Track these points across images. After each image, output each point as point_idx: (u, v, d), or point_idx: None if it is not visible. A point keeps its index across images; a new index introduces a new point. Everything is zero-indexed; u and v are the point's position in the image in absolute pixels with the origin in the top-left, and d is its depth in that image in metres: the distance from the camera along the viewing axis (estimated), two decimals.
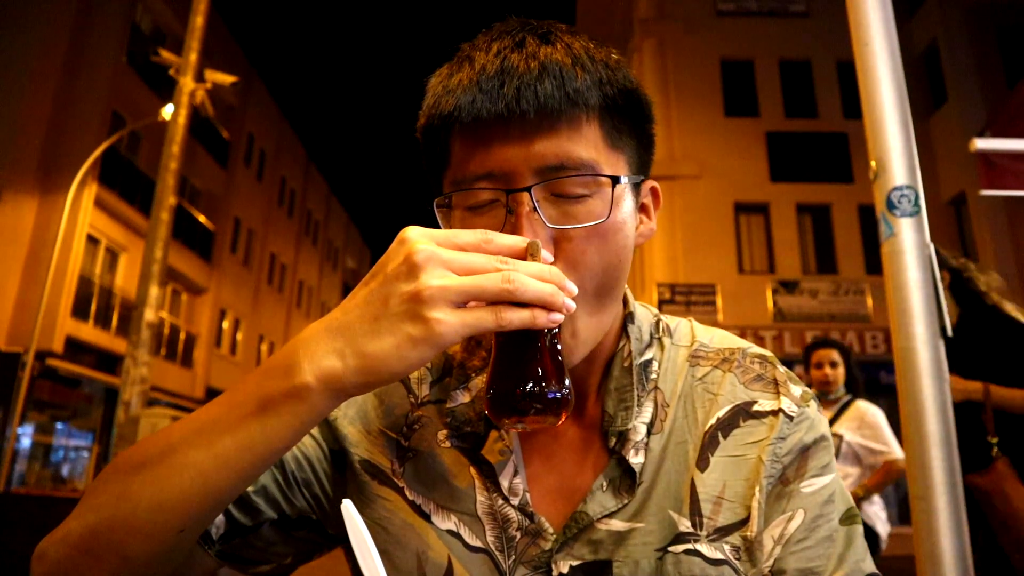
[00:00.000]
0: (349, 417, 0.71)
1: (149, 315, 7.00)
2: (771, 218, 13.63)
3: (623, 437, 0.65)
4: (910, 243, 1.81)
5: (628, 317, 0.72)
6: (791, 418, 0.66)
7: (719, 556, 0.62)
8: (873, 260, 12.89)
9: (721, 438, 0.66)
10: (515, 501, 0.65)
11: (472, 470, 0.67)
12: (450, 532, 0.65)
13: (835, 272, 13.28)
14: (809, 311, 12.89)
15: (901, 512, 12.66)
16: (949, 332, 1.76)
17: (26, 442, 14.02)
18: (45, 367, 13.28)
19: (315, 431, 0.71)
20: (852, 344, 12.51)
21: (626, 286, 0.72)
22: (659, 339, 0.73)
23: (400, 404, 0.72)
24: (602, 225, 0.60)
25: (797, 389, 0.68)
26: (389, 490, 0.68)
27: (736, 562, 0.62)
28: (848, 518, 0.65)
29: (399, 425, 0.71)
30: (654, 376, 0.69)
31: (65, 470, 15.35)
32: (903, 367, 1.77)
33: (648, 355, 0.71)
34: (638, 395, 0.67)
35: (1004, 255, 11.80)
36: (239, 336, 23.72)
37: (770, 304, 12.96)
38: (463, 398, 0.70)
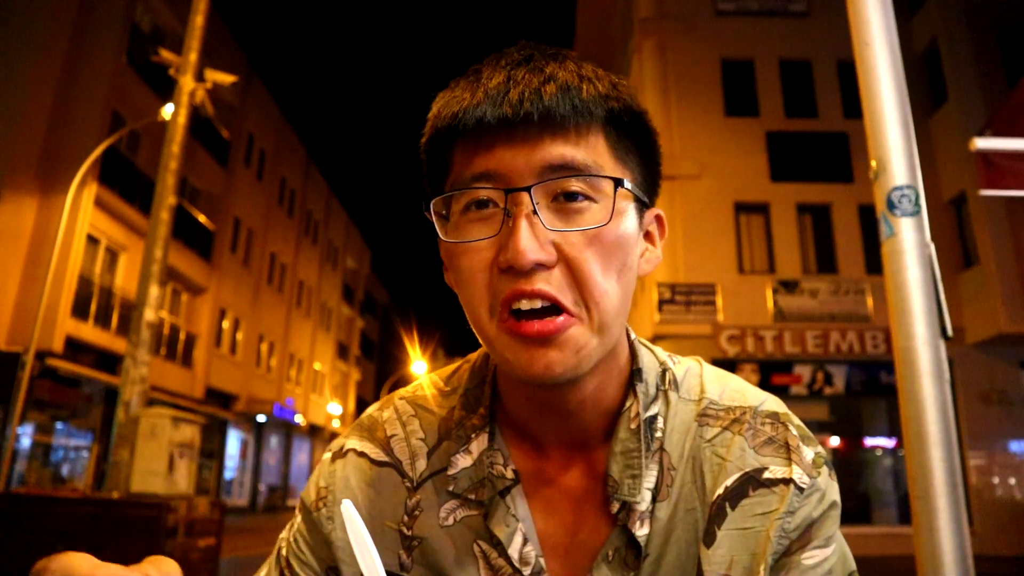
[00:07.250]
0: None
1: (149, 315, 7.00)
2: (771, 218, 13.62)
3: (627, 506, 0.62)
4: (910, 243, 1.81)
5: (636, 374, 0.67)
6: (801, 490, 0.62)
7: None
8: (873, 260, 12.88)
9: (729, 509, 0.62)
10: (527, 571, 0.63)
11: (476, 548, 0.65)
12: None
13: (835, 272, 13.26)
14: (809, 311, 12.87)
15: (901, 512, 12.66)
16: (949, 332, 1.76)
17: (26, 442, 14.03)
18: (45, 367, 13.28)
19: (308, 553, 0.68)
20: (852, 344, 12.51)
21: (636, 336, 0.69)
22: (664, 391, 0.68)
23: (395, 492, 0.68)
24: (604, 231, 0.58)
25: (809, 453, 0.64)
26: None
27: None
28: None
29: (399, 515, 0.68)
30: (659, 435, 0.65)
31: (65, 470, 15.36)
32: (903, 367, 1.77)
33: (653, 410, 0.66)
34: (644, 460, 0.64)
35: (1004, 255, 11.79)
36: (239, 336, 23.72)
37: (770, 304, 12.95)
38: (464, 462, 0.67)
